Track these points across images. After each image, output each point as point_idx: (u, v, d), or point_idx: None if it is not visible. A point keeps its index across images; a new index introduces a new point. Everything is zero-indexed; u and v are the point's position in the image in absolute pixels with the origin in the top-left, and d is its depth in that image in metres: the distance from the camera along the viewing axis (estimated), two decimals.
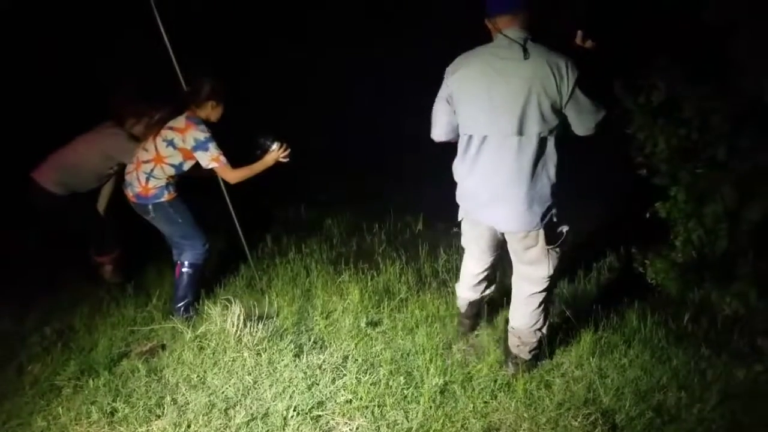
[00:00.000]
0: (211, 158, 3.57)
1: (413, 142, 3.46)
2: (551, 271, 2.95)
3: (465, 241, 3.25)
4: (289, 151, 3.63)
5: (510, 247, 3.02)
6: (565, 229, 2.91)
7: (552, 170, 2.72)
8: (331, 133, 6.72)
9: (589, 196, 4.95)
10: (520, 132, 2.65)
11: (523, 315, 3.07)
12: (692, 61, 3.22)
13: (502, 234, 2.98)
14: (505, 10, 2.65)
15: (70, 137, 4.26)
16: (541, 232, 2.83)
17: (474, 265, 3.30)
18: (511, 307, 3.15)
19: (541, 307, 3.04)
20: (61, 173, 4.15)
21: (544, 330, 3.10)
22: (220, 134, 3.65)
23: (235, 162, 3.63)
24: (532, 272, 2.99)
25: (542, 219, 2.79)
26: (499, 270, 3.52)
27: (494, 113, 2.67)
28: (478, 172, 2.83)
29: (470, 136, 2.81)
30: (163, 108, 3.67)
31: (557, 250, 2.93)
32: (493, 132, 2.71)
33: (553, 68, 2.56)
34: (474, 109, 2.74)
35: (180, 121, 3.60)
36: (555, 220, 2.82)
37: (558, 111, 2.63)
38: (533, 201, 2.74)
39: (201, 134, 3.56)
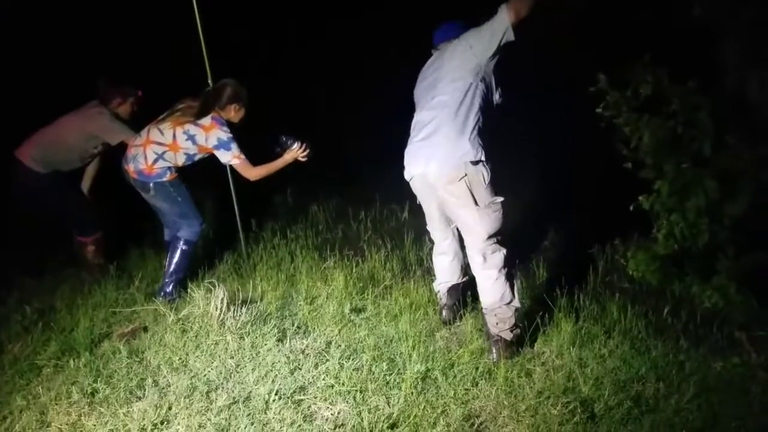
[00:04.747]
0: (232, 156, 3.65)
1: (403, 131, 3.47)
2: (490, 232, 3.07)
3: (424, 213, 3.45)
4: (308, 150, 3.70)
5: (447, 209, 3.20)
6: (498, 199, 3.06)
7: (472, 121, 3.01)
8: (322, 120, 6.70)
9: (573, 188, 5.02)
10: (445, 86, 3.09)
11: (487, 290, 3.14)
12: (679, 57, 3.24)
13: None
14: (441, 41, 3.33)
15: (56, 116, 4.22)
16: (465, 184, 2.97)
17: (437, 240, 3.50)
18: (478, 288, 3.22)
19: (503, 279, 3.12)
20: (44, 152, 4.11)
21: (516, 303, 3.16)
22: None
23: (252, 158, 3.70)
24: (473, 238, 3.12)
25: (463, 159, 2.96)
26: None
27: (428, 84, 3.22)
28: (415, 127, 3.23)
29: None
30: (188, 102, 3.72)
31: (489, 213, 3.05)
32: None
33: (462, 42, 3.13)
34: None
35: (206, 119, 3.64)
36: (479, 173, 2.99)
37: (475, 63, 3.06)
38: (454, 140, 2.99)
39: (224, 134, 3.62)
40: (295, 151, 3.69)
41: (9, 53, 5.52)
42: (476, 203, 3.03)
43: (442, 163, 3.02)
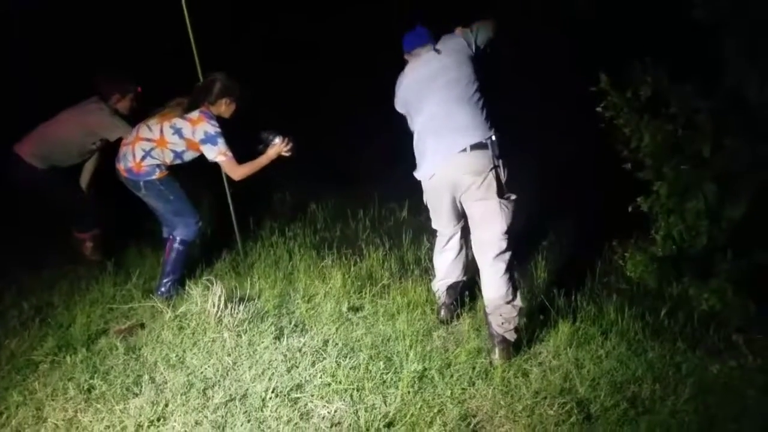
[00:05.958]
0: (218, 152, 3.59)
1: (403, 130, 3.47)
2: (506, 227, 3.12)
3: (430, 209, 3.42)
4: (291, 145, 3.65)
5: (467, 210, 3.20)
6: (513, 196, 3.13)
7: (486, 112, 3.14)
8: (321, 119, 6.69)
9: (572, 189, 5.02)
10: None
11: (493, 283, 3.14)
12: (679, 58, 3.24)
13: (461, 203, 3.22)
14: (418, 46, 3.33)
15: (55, 112, 4.21)
16: (493, 175, 3.05)
17: (446, 235, 3.46)
18: (482, 283, 3.21)
19: (509, 275, 3.14)
20: (42, 147, 4.11)
21: (519, 302, 3.16)
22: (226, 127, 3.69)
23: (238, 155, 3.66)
24: (490, 233, 3.13)
25: (489, 150, 3.05)
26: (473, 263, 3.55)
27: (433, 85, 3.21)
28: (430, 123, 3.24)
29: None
30: (179, 100, 3.68)
31: (508, 207, 3.11)
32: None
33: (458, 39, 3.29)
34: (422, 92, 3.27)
35: (194, 113, 3.60)
36: (503, 166, 3.09)
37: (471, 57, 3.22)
38: (473, 125, 3.09)
39: (212, 128, 3.57)
40: (279, 147, 3.63)
41: (9, 50, 5.51)
42: (500, 194, 3.09)
43: (471, 155, 3.06)
